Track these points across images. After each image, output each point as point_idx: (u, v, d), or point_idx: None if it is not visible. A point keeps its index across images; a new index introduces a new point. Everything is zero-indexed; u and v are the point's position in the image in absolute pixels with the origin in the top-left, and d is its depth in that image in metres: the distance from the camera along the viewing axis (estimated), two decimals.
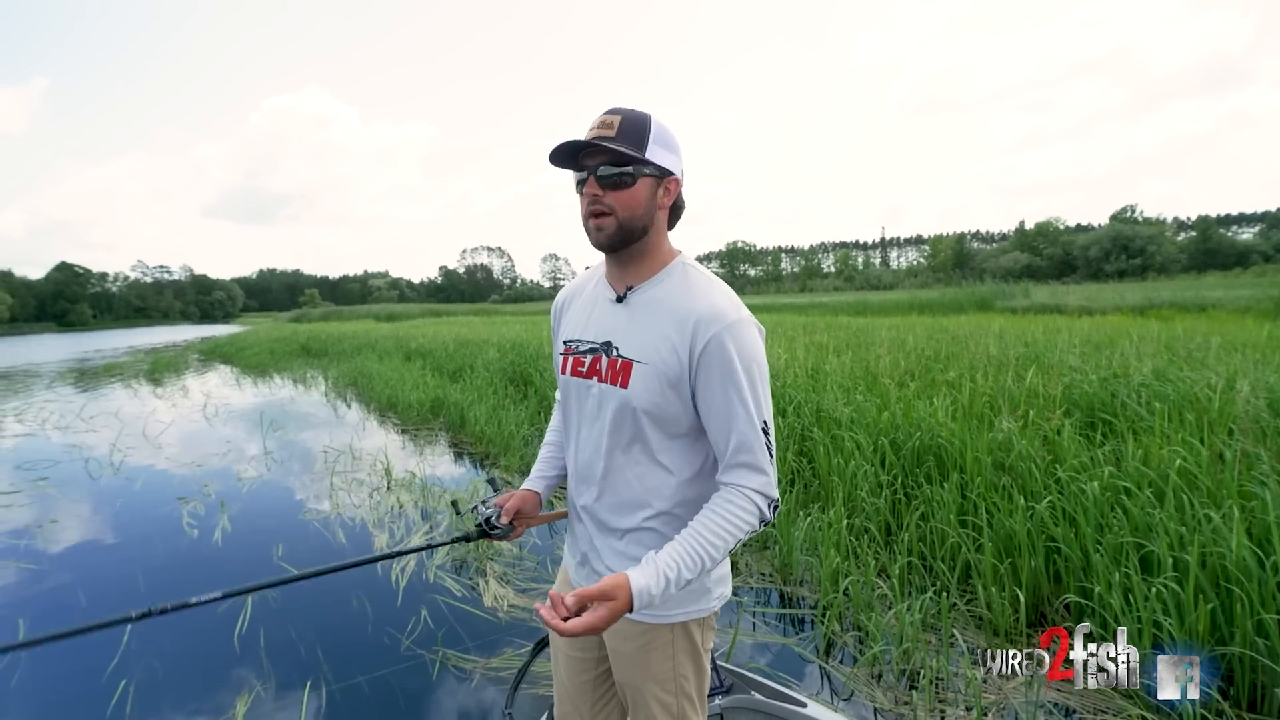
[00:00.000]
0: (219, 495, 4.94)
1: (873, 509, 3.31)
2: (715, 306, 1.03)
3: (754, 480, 1.02)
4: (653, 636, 1.13)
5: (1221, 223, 62.67)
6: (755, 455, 1.02)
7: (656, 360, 1.05)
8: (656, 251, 1.12)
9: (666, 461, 1.10)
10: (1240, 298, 15.08)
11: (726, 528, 0.99)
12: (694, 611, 1.13)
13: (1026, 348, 6.53)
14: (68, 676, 2.63)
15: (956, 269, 61.78)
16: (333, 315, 49.66)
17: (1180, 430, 3.26)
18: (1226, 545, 2.19)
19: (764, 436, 1.02)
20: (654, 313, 1.08)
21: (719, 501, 1.02)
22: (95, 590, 3.42)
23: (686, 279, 1.10)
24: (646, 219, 1.07)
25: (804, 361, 6.25)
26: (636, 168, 1.03)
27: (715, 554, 0.99)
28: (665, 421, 1.08)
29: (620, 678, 1.19)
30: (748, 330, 1.04)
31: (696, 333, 1.02)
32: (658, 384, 1.05)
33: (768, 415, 1.04)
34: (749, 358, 1.02)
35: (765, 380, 1.05)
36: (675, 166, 1.08)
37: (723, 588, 1.17)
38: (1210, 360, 5.08)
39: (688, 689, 1.15)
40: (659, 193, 1.07)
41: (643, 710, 1.16)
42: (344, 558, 3.64)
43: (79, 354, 24.39)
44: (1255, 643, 1.99)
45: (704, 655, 1.18)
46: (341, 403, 9.35)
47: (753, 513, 1.01)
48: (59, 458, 6.43)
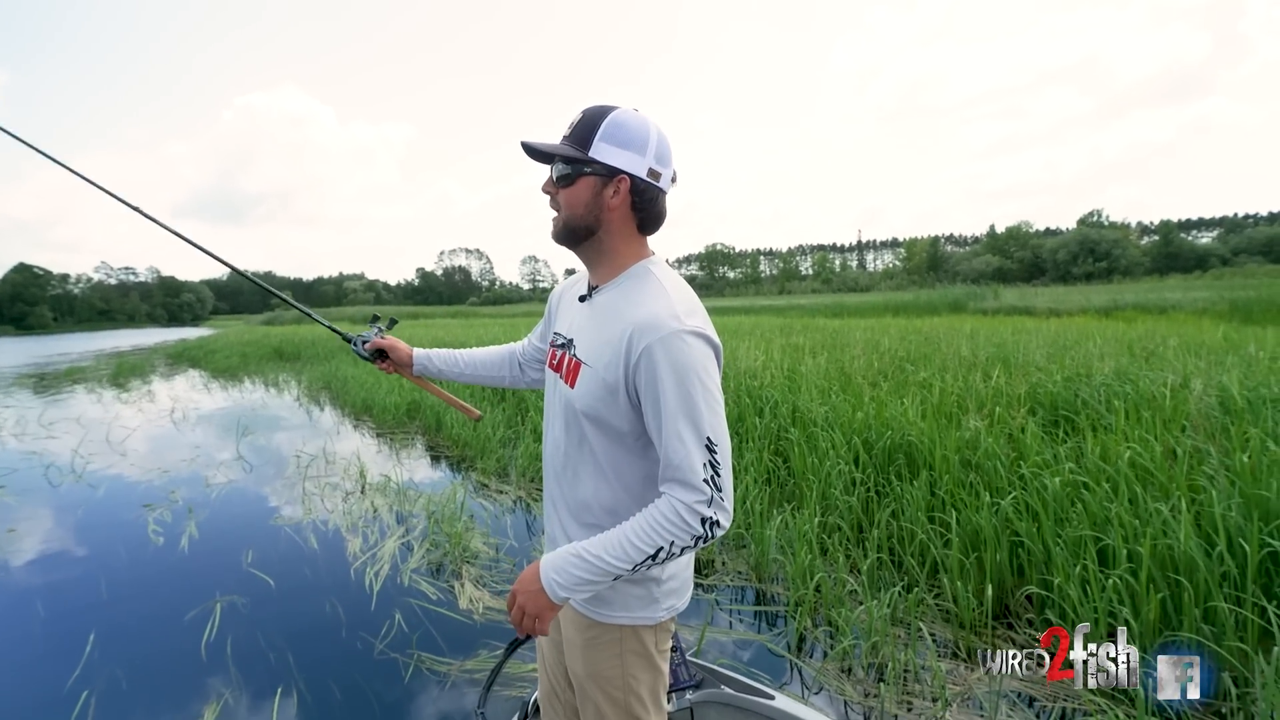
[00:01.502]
0: (186, 502, 4.83)
1: (845, 507, 3.37)
2: (655, 315, 0.98)
3: (686, 496, 0.96)
4: (599, 634, 1.13)
5: (1182, 227, 64.95)
6: (686, 472, 0.96)
7: (600, 365, 1.04)
8: (615, 255, 1.10)
9: (609, 467, 1.08)
10: (1198, 299, 15.67)
11: (649, 531, 0.97)
12: (640, 618, 1.12)
13: (997, 348, 6.71)
14: (25, 687, 2.56)
15: (931, 271, 63.06)
16: (306, 319, 48.61)
17: (1137, 427, 3.38)
18: (1175, 537, 2.28)
19: (707, 453, 0.96)
20: (607, 316, 1.07)
21: (650, 507, 1.00)
22: (53, 600, 3.32)
23: (641, 284, 1.06)
24: (589, 219, 1.06)
25: (780, 363, 6.33)
26: (575, 166, 1.04)
27: (633, 554, 0.97)
28: (606, 427, 1.06)
29: (569, 665, 1.21)
30: (685, 341, 0.97)
31: (631, 343, 0.99)
32: (599, 389, 1.04)
33: (711, 431, 0.97)
34: (684, 370, 0.96)
35: (707, 393, 0.97)
36: (630, 165, 1.03)
37: (673, 599, 1.15)
38: (1168, 360, 5.28)
39: (638, 689, 1.15)
40: (606, 192, 1.04)
41: (589, 705, 1.17)
42: (315, 565, 3.61)
43: (38, 358, 23.56)
44: (1203, 629, 2.09)
45: (658, 658, 1.17)
46: (315, 406, 9.20)
47: (680, 527, 0.96)
48: (16, 465, 6.22)
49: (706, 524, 0.97)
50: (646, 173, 1.04)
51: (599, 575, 0.97)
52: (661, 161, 1.06)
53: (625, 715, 1.16)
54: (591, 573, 0.97)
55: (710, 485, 0.96)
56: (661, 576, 1.12)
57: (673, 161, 1.09)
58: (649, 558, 0.96)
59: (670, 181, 1.09)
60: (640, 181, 1.04)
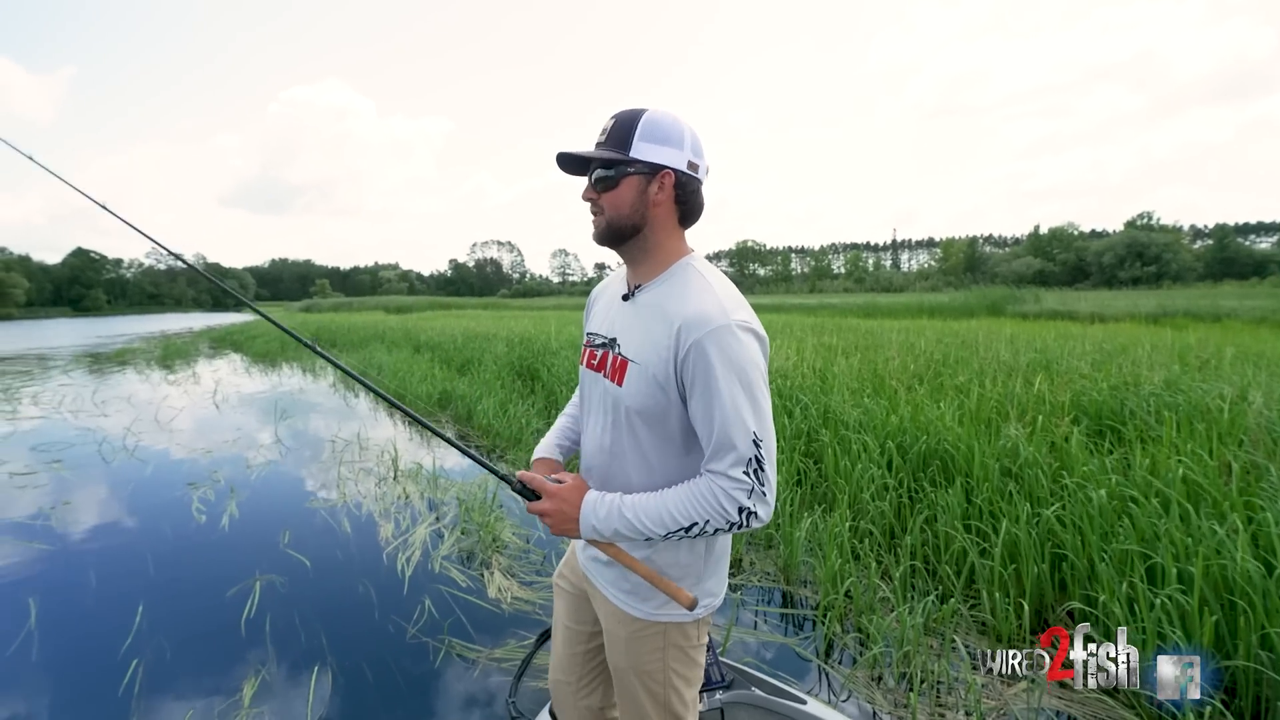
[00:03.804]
0: (228, 482, 5.00)
1: (877, 512, 3.31)
2: (703, 310, 1.00)
3: (727, 483, 0.99)
4: (642, 628, 1.17)
5: (1239, 231, 61.95)
6: (730, 464, 0.98)
7: (649, 362, 1.06)
8: (659, 250, 1.12)
9: (656, 463, 1.10)
10: (1256, 308, 14.90)
11: (687, 505, 1.00)
12: (679, 616, 1.15)
13: (1038, 354, 6.49)
14: (82, 654, 2.69)
15: (968, 273, 61.39)
16: (343, 306, 50.00)
17: (1190, 441, 3.24)
18: (1231, 557, 2.18)
19: (753, 447, 0.98)
20: (653, 314, 1.08)
21: (693, 482, 1.03)
22: (105, 571, 3.48)
23: (686, 280, 1.08)
24: (635, 217, 1.09)
25: (812, 362, 6.25)
26: (619, 168, 1.07)
27: (668, 522, 1.01)
28: (656, 423, 1.08)
29: (611, 660, 1.24)
30: (735, 335, 0.99)
31: (680, 338, 1.01)
32: (649, 385, 1.06)
33: (756, 426, 0.98)
34: (732, 364, 0.98)
35: (755, 388, 0.99)
36: (671, 160, 1.06)
37: (709, 599, 1.18)
38: (1224, 371, 5.03)
39: (677, 684, 1.18)
40: (651, 189, 1.07)
41: (629, 698, 1.21)
42: (348, 548, 3.71)
43: (93, 339, 24.68)
44: (1259, 656, 1.99)
45: (696, 654, 1.21)
46: (350, 393, 9.42)
47: (716, 509, 0.99)
48: (73, 441, 6.53)
49: (743, 513, 0.99)
50: (687, 165, 1.08)
51: (632, 533, 1.03)
52: (697, 153, 1.10)
53: (664, 709, 1.18)
54: (627, 529, 1.03)
55: (752, 477, 0.98)
56: (702, 574, 1.15)
57: (705, 153, 1.12)
58: (682, 529, 1.01)
59: (705, 173, 1.12)
60: (682, 174, 1.08)
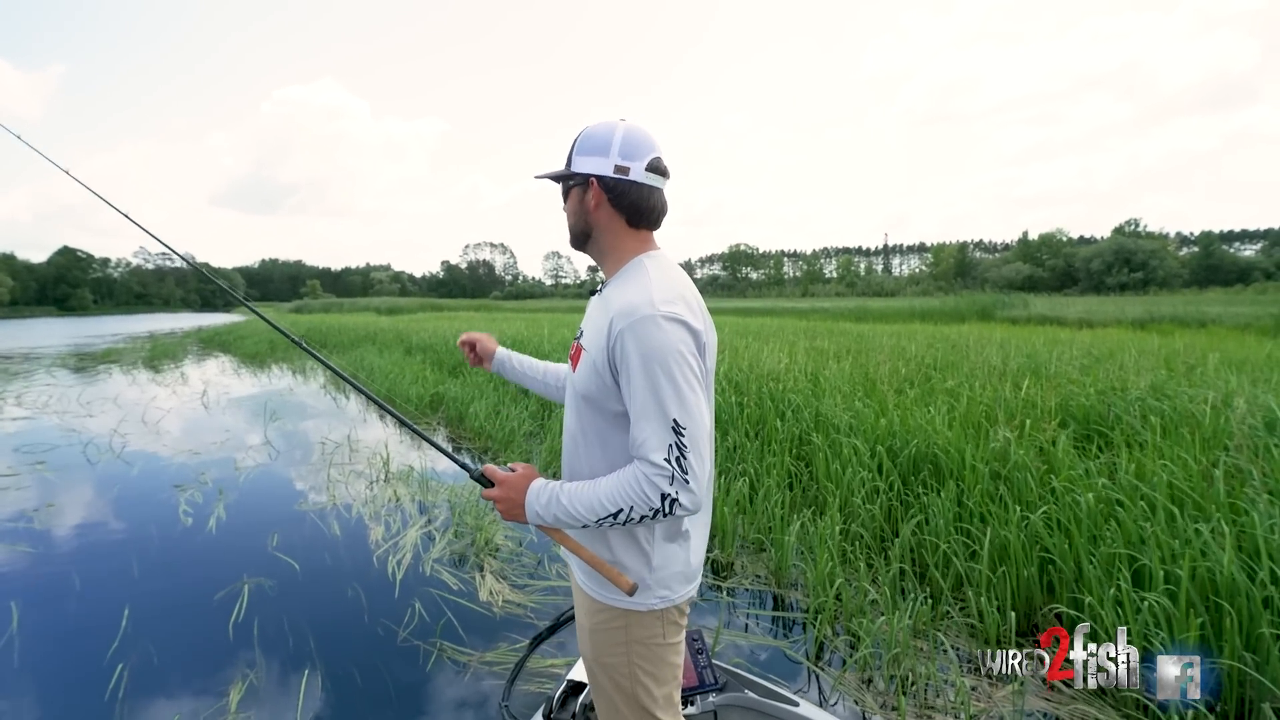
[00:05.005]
0: (216, 483, 4.95)
1: (868, 515, 3.33)
2: (630, 301, 1.05)
3: (649, 470, 1.01)
4: (605, 619, 1.18)
5: (1224, 239, 62.80)
6: (649, 450, 1.01)
7: (594, 348, 1.12)
8: (615, 251, 1.18)
9: (608, 449, 1.14)
10: (1241, 314, 15.12)
11: (614, 492, 1.04)
12: (634, 603, 1.14)
13: (1027, 358, 6.55)
14: (66, 659, 2.65)
15: (958, 278, 61.92)
16: (333, 307, 49.68)
17: (1175, 445, 3.28)
18: (1217, 560, 2.20)
19: (672, 434, 1.01)
20: (603, 306, 1.14)
21: (622, 470, 1.07)
22: (90, 574, 3.43)
23: (632, 275, 1.14)
24: (582, 224, 1.19)
25: (804, 366, 6.27)
26: (564, 183, 1.20)
27: (598, 509, 1.04)
28: (599, 408, 1.13)
29: (580, 651, 1.27)
30: (658, 325, 1.02)
31: (612, 327, 1.06)
32: (591, 372, 1.12)
33: (678, 413, 1.01)
34: (653, 352, 1.01)
35: (676, 376, 1.02)
36: (597, 167, 1.13)
37: (666, 590, 1.15)
38: (1208, 376, 5.10)
39: (645, 681, 1.17)
40: (586, 198, 1.15)
41: (600, 691, 1.22)
42: (338, 551, 3.68)
43: (79, 339, 24.37)
44: (1244, 656, 2.01)
45: (665, 651, 1.18)
46: (340, 395, 9.36)
47: (640, 496, 1.02)
48: (57, 442, 6.45)
49: (666, 500, 1.02)
50: (613, 170, 1.12)
51: (569, 519, 1.08)
52: (628, 156, 1.12)
53: (633, 703, 1.18)
54: (565, 515, 1.08)
55: (672, 464, 1.00)
56: (651, 563, 1.14)
57: (652, 151, 1.13)
58: (610, 515, 1.04)
59: (648, 171, 1.13)
60: (608, 180, 1.13)
